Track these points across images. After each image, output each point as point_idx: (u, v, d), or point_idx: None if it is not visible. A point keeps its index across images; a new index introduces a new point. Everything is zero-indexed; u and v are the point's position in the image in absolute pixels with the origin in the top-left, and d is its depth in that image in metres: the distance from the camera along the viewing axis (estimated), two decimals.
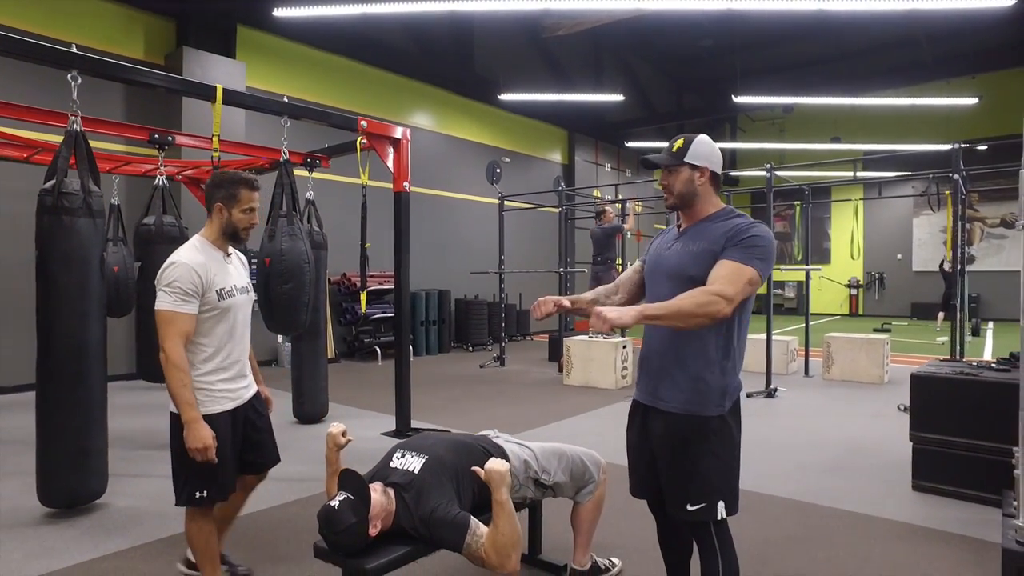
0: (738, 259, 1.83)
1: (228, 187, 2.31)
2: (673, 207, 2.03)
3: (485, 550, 1.92)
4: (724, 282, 1.79)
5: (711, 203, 1.99)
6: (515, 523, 1.97)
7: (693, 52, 16.73)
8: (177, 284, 2.16)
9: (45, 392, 3.24)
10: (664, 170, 2.00)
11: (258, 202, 2.37)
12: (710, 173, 1.97)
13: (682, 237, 2.01)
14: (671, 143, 2.01)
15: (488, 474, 1.99)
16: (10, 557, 2.86)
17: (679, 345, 1.92)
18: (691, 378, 1.90)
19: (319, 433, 5.19)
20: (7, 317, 6.71)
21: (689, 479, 1.90)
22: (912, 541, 3.05)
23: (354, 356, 9.78)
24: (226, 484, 2.30)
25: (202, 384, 2.24)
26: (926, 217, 18.19)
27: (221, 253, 2.35)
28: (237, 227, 2.33)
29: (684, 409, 1.90)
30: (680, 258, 1.97)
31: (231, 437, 2.30)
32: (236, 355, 2.36)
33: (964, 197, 6.17)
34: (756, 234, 1.87)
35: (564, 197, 9.52)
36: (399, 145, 4.86)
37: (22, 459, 4.22)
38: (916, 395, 3.76)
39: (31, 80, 6.56)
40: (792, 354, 8.34)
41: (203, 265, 2.23)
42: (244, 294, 2.40)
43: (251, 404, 2.44)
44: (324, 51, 9.71)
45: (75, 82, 3.24)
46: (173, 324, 2.14)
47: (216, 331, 2.27)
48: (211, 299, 2.23)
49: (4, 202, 6.75)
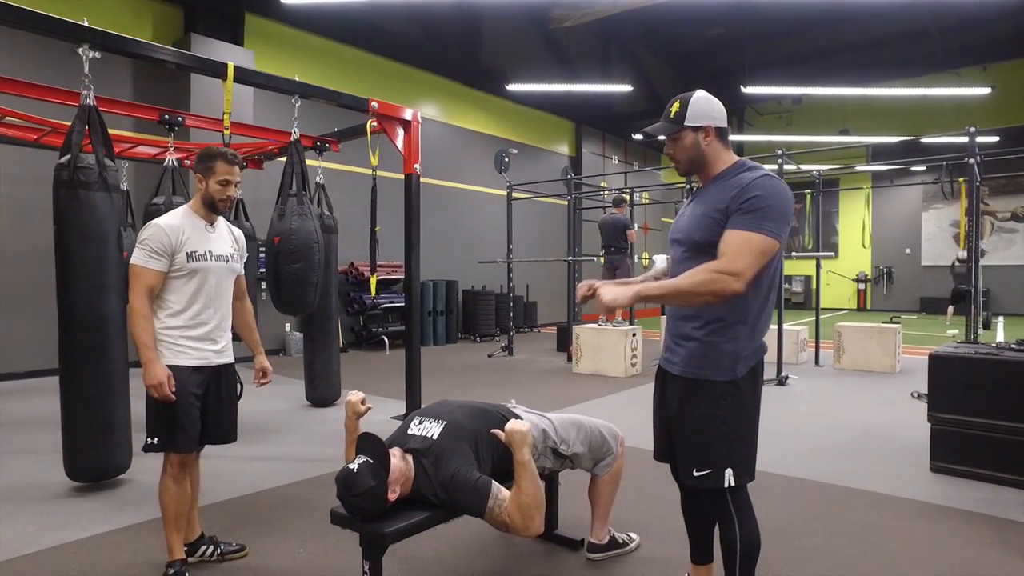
0: (745, 226, 1.72)
1: (207, 160, 2.45)
2: (685, 173, 1.97)
3: (508, 512, 1.90)
4: (731, 256, 1.70)
5: (722, 160, 1.89)
6: (538, 483, 1.95)
7: (701, 43, 16.63)
8: (148, 242, 2.33)
9: (67, 365, 3.24)
10: (667, 139, 1.91)
11: (235, 176, 2.47)
12: (715, 130, 1.87)
13: (695, 199, 1.96)
14: (667, 107, 1.91)
15: (509, 434, 1.97)
16: (27, 529, 2.86)
17: (692, 309, 1.87)
18: (702, 343, 1.85)
19: (332, 416, 5.21)
20: (25, 303, 6.73)
21: (695, 445, 1.86)
22: (932, 519, 3.01)
23: (362, 346, 9.77)
24: (180, 435, 2.33)
25: (164, 336, 2.36)
26: (936, 211, 18.04)
27: (204, 222, 2.48)
28: (214, 198, 2.45)
29: (694, 374, 1.86)
30: (688, 222, 1.92)
31: (189, 392, 2.35)
32: (205, 318, 2.43)
33: (979, 184, 6.09)
34: (761, 193, 1.74)
35: (573, 186, 9.46)
36: (409, 127, 4.82)
37: (44, 438, 4.26)
38: (934, 376, 3.71)
39: (40, 63, 6.55)
40: (802, 344, 8.29)
41: (176, 228, 2.37)
42: (222, 262, 2.48)
43: (219, 372, 2.49)
44: (332, 40, 9.68)
45: (87, 56, 3.22)
46: (140, 278, 2.31)
47: (184, 290, 2.39)
48: (180, 260, 2.36)
49: (18, 189, 6.77)
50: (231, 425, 2.56)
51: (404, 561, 2.53)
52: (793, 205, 1.81)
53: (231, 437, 2.57)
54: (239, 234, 2.67)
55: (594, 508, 2.55)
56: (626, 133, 16.44)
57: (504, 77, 12.33)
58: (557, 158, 14.58)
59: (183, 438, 2.34)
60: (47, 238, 3.29)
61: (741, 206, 1.74)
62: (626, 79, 14.23)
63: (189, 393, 2.35)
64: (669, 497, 3.17)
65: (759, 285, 1.82)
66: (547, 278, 13.48)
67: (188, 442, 2.36)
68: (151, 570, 2.45)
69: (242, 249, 2.65)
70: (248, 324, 2.77)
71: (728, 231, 1.74)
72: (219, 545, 2.57)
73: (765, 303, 1.87)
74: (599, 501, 2.53)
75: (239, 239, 2.65)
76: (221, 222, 2.58)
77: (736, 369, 1.83)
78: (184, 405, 2.33)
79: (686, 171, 1.94)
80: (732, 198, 1.77)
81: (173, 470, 2.35)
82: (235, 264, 2.58)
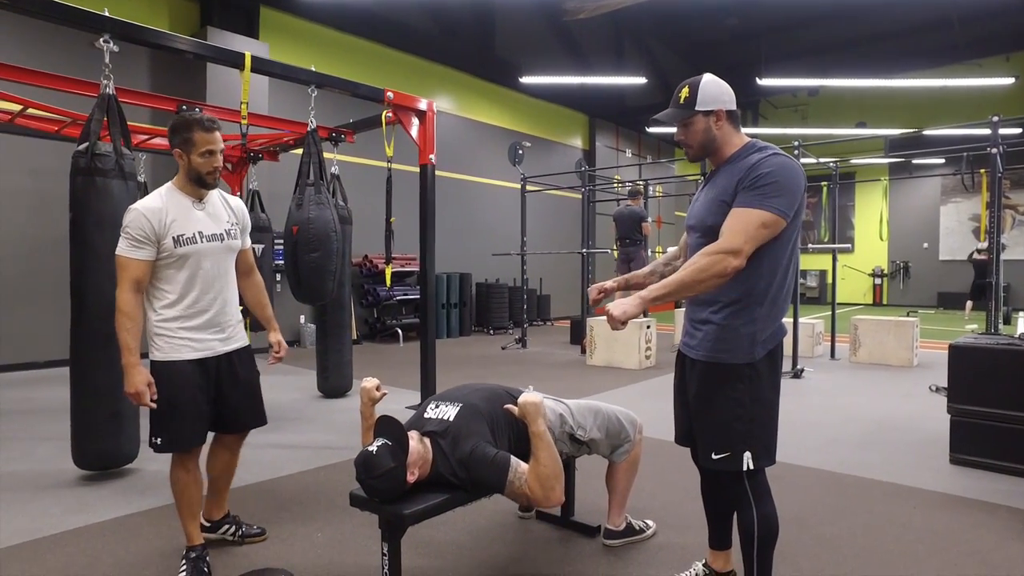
0: (748, 203, 1.73)
1: (183, 131, 2.20)
2: (695, 159, 1.95)
3: (529, 484, 1.92)
4: (728, 235, 1.71)
5: (733, 143, 1.88)
6: (555, 454, 1.96)
7: (716, 35, 16.47)
8: (128, 230, 2.15)
9: (79, 352, 3.27)
10: (677, 124, 1.90)
11: (218, 144, 2.23)
12: (725, 113, 1.86)
13: (707, 184, 1.95)
14: (676, 93, 1.89)
15: (522, 407, 1.98)
16: (50, 511, 2.91)
17: (709, 293, 1.85)
18: (719, 326, 1.84)
19: (344, 406, 5.24)
20: (44, 294, 6.83)
21: (713, 428, 1.86)
22: (953, 511, 2.98)
23: (375, 338, 9.81)
24: (183, 435, 2.22)
25: (162, 330, 2.21)
26: (955, 204, 17.78)
27: (190, 200, 2.26)
28: (200, 172, 2.22)
29: (712, 357, 1.86)
30: (701, 207, 1.92)
31: (192, 388, 2.22)
32: (203, 305, 2.25)
33: (1001, 176, 5.98)
34: (767, 170, 1.73)
35: (586, 179, 9.43)
36: (425, 118, 4.82)
37: (56, 427, 4.34)
38: (954, 366, 3.66)
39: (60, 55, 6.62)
40: (818, 337, 8.22)
41: (158, 211, 2.16)
42: (215, 242, 2.27)
43: (230, 358, 2.34)
44: (345, 33, 9.70)
45: (107, 46, 3.25)
46: (125, 269, 2.15)
47: (177, 278, 2.21)
48: (167, 245, 2.17)
49: (39, 180, 6.86)
50: (253, 410, 2.43)
51: (420, 546, 2.54)
52: (804, 181, 1.80)
53: (255, 422, 2.45)
54: (237, 204, 2.45)
55: (611, 495, 2.55)
56: (640, 126, 16.35)
57: (517, 70, 12.30)
58: (571, 151, 14.53)
59: (186, 437, 2.23)
60: (66, 229, 3.32)
61: (747, 184, 1.75)
62: (640, 72, 14.14)
63: (192, 390, 2.21)
64: (686, 485, 3.17)
65: (775, 265, 1.81)
66: (561, 271, 13.46)
67: (192, 440, 2.25)
68: (174, 552, 2.48)
69: (243, 221, 2.44)
70: (258, 300, 2.61)
71: (732, 210, 1.75)
72: (241, 526, 2.56)
73: (783, 284, 1.85)
74: (616, 488, 2.53)
75: (237, 210, 2.43)
76: (213, 195, 2.35)
77: (754, 352, 1.82)
78: (186, 403, 2.20)
79: (697, 156, 1.92)
80: (739, 180, 1.77)
81: (182, 461, 2.28)
82: (232, 241, 2.35)
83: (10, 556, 2.47)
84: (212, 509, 2.54)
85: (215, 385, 2.30)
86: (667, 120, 1.90)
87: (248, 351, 2.46)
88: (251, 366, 2.46)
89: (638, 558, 2.47)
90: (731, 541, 2.16)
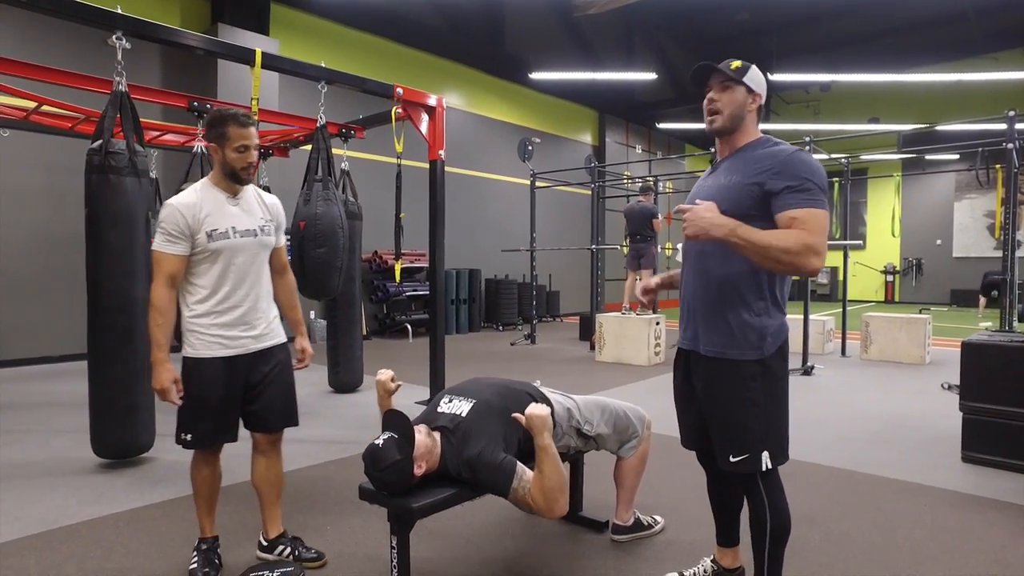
0: (809, 203, 1.68)
1: (217, 127, 2.20)
2: (719, 130, 1.88)
3: (532, 495, 1.90)
4: (814, 233, 1.65)
5: (751, 132, 1.89)
6: (559, 467, 1.93)
7: (727, 30, 16.35)
8: (163, 225, 2.14)
9: (96, 346, 3.34)
10: (718, 86, 1.87)
11: (253, 139, 2.22)
12: (760, 101, 1.87)
13: (718, 169, 1.91)
14: (726, 63, 1.87)
15: (529, 419, 1.97)
16: (66, 503, 2.96)
17: (715, 285, 1.84)
18: (728, 320, 1.81)
19: (355, 401, 5.27)
20: (60, 290, 6.92)
21: (730, 429, 1.82)
22: (964, 509, 2.96)
23: (385, 333, 9.86)
24: (211, 432, 2.21)
25: (194, 326, 2.19)
26: (969, 200, 17.58)
27: (225, 195, 2.25)
28: (234, 167, 2.21)
29: (721, 353, 1.82)
30: (712, 192, 1.84)
31: (222, 386, 2.19)
32: (235, 301, 2.22)
33: (1016, 171, 5.91)
34: (808, 170, 1.72)
35: (596, 175, 9.41)
36: (434, 113, 4.82)
37: (71, 419, 4.41)
38: (967, 364, 3.63)
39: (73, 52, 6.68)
40: (828, 334, 8.17)
41: (193, 206, 2.16)
42: (249, 237, 2.25)
43: (260, 357, 2.28)
44: (355, 29, 9.73)
45: (119, 43, 3.27)
46: (160, 264, 2.14)
47: (210, 272, 2.19)
48: (201, 240, 2.16)
49: (54, 177, 6.93)
50: (285, 411, 2.36)
51: (430, 539, 2.56)
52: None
53: (286, 423, 2.38)
54: (272, 201, 2.42)
55: (619, 490, 2.55)
56: (650, 122, 16.28)
57: (527, 66, 12.27)
58: (580, 147, 14.50)
59: (214, 435, 2.22)
60: (82, 225, 3.36)
61: (791, 183, 1.71)
62: (650, 67, 14.08)
63: (222, 388, 2.19)
64: (695, 481, 3.15)
65: None
66: (570, 267, 13.45)
67: (219, 438, 2.23)
68: (186, 543, 2.50)
69: (277, 219, 2.41)
70: (289, 300, 2.53)
71: (797, 210, 1.69)
72: (296, 548, 2.40)
73: (784, 277, 1.84)
74: (624, 483, 2.53)
75: (272, 207, 2.40)
76: (249, 191, 2.33)
77: (763, 347, 1.80)
78: (215, 401, 2.18)
79: (722, 127, 1.86)
80: (772, 171, 1.74)
81: (205, 458, 2.26)
82: (267, 237, 2.32)
83: (28, 545, 2.51)
84: (267, 526, 2.43)
85: (246, 383, 2.26)
86: (721, 69, 1.84)
87: (284, 348, 2.39)
88: (286, 365, 2.39)
89: (646, 554, 2.48)
90: (739, 538, 2.16)
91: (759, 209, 1.76)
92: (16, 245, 6.75)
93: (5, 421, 4.45)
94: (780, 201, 1.72)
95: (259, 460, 2.38)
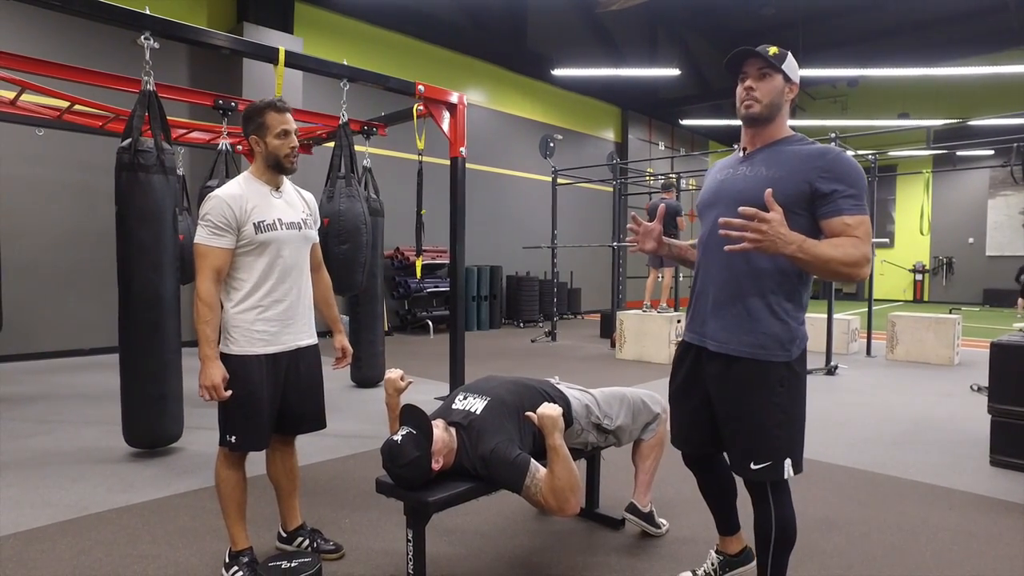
0: (860, 210, 1.66)
1: (256, 117, 2.17)
2: (756, 116, 1.77)
3: (543, 494, 1.90)
4: (865, 240, 1.63)
5: (783, 126, 1.83)
6: (571, 466, 1.92)
7: (752, 25, 16.13)
8: (209, 217, 2.08)
9: (126, 340, 3.43)
10: (755, 72, 1.79)
11: (292, 124, 2.20)
12: (795, 92, 1.83)
13: (749, 160, 1.82)
14: (764, 47, 1.79)
15: (541, 419, 1.97)
16: (95, 491, 3.05)
17: (747, 283, 1.75)
18: (754, 319, 1.73)
19: (376, 396, 5.32)
20: (93, 284, 7.10)
21: (755, 435, 1.75)
22: (992, 513, 2.90)
23: (406, 329, 9.93)
24: (257, 433, 2.16)
25: (238, 322, 2.14)
26: (1004, 198, 17.11)
27: (268, 188, 2.22)
28: (278, 155, 2.17)
29: (748, 353, 1.73)
30: (748, 183, 1.75)
31: (267, 384, 2.15)
32: (279, 295, 2.18)
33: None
34: (860, 176, 1.67)
35: (618, 172, 9.35)
36: (456, 110, 4.84)
37: (101, 411, 4.55)
38: (996, 365, 3.54)
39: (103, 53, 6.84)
40: (853, 334, 8.03)
41: (239, 198, 2.12)
42: (294, 230, 2.22)
43: (299, 355, 2.26)
44: (378, 27, 9.80)
45: (148, 43, 3.35)
46: (205, 258, 2.07)
47: (255, 266, 2.14)
48: (248, 232, 2.11)
49: (88, 174, 7.11)
50: (315, 413, 2.35)
51: (446, 534, 2.59)
52: None
53: (315, 425, 2.36)
54: (310, 197, 2.40)
55: (638, 473, 2.56)
56: (673, 118, 16.14)
57: (550, 62, 12.24)
58: (603, 144, 14.43)
59: (261, 436, 2.17)
60: (112, 221, 3.45)
61: (840, 188, 1.66)
62: (673, 63, 13.94)
63: (268, 387, 2.15)
64: None
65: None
66: (591, 264, 13.41)
67: (257, 442, 2.17)
68: (208, 533, 2.57)
69: (315, 214, 2.38)
70: (325, 298, 2.50)
71: (849, 215, 1.65)
72: (316, 540, 2.41)
73: (807, 284, 1.80)
74: (643, 464, 2.54)
75: (310, 203, 2.38)
76: (288, 186, 2.31)
77: (792, 349, 1.74)
78: (262, 401, 2.13)
79: (759, 115, 1.77)
80: (821, 171, 1.68)
81: (232, 459, 2.19)
82: (309, 231, 2.30)
83: (59, 531, 2.60)
84: (286, 518, 2.43)
85: (282, 380, 2.22)
86: (760, 53, 1.77)
87: (315, 350, 2.36)
88: (317, 365, 2.36)
89: (659, 552, 2.47)
90: (739, 524, 2.15)
91: (805, 208, 1.71)
92: (49, 241, 6.94)
93: (38, 411, 4.59)
94: (832, 205, 1.67)
95: (274, 454, 2.38)
